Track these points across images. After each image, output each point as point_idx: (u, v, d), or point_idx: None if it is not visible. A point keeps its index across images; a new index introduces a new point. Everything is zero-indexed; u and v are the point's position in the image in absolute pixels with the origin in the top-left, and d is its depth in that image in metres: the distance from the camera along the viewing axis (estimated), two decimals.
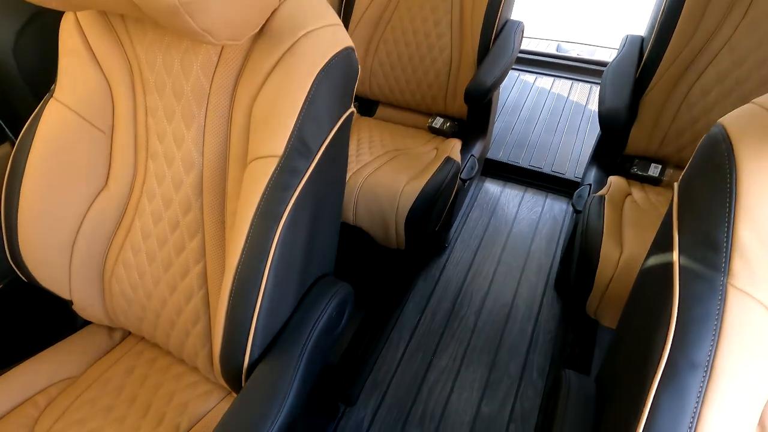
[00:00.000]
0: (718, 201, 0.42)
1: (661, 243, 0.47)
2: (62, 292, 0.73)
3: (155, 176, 0.68)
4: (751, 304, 0.40)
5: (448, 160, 1.12)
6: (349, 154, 1.17)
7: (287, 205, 0.53)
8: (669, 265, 0.44)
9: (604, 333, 1.14)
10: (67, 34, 0.66)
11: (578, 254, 0.90)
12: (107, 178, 0.71)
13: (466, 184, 1.20)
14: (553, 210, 1.51)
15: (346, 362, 1.11)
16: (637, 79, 1.06)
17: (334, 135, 0.57)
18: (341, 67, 0.55)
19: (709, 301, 0.40)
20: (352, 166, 1.09)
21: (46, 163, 0.67)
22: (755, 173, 0.41)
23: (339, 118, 0.57)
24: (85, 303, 0.76)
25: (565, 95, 1.95)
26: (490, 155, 1.68)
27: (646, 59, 1.05)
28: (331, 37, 0.54)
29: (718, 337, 0.39)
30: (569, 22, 3.45)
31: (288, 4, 0.53)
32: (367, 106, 1.44)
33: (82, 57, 0.66)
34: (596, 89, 1.96)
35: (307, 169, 0.54)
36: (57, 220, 0.69)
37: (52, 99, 0.67)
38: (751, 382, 0.39)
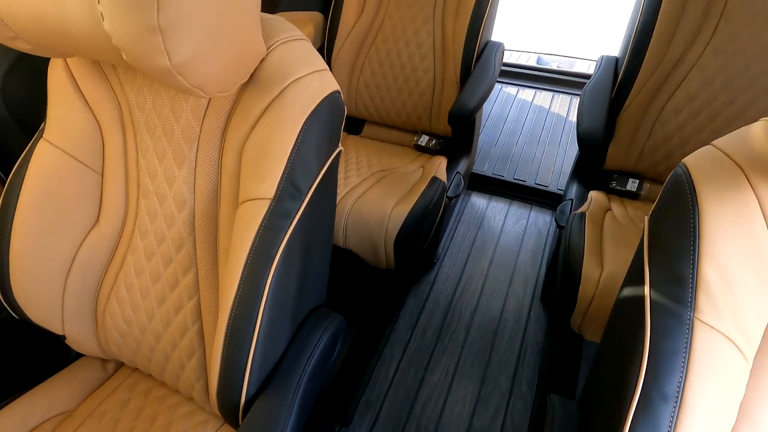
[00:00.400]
0: (683, 239, 0.45)
1: (634, 276, 0.50)
2: (55, 328, 0.74)
3: (147, 213, 0.70)
4: (716, 337, 0.43)
5: (434, 179, 1.15)
6: (338, 176, 1.19)
7: (279, 247, 0.55)
8: (641, 299, 0.47)
9: (589, 345, 1.17)
10: (56, 75, 0.67)
11: (561, 273, 0.93)
12: (98, 215, 0.72)
13: (452, 201, 1.23)
14: (538, 223, 1.55)
15: (340, 382, 1.13)
16: (613, 99, 1.10)
17: (323, 175, 0.59)
18: (328, 111, 0.57)
19: (678, 336, 0.43)
20: (341, 190, 1.11)
21: (37, 203, 0.68)
22: (715, 215, 0.44)
23: (327, 159, 0.60)
24: (78, 337, 0.76)
25: (547, 107, 2.00)
26: (475, 169, 1.72)
27: (620, 80, 1.09)
28: (318, 83, 0.57)
29: (687, 369, 0.42)
30: (547, 34, 3.53)
31: (276, 53, 0.55)
32: (354, 125, 1.47)
33: (71, 97, 0.67)
34: (576, 101, 2.02)
35: (298, 210, 0.56)
36: (48, 258, 0.69)
37: (42, 139, 0.68)
38: (718, 410, 0.42)
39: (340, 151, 0.64)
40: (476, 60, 1.23)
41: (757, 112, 1.01)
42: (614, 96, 1.10)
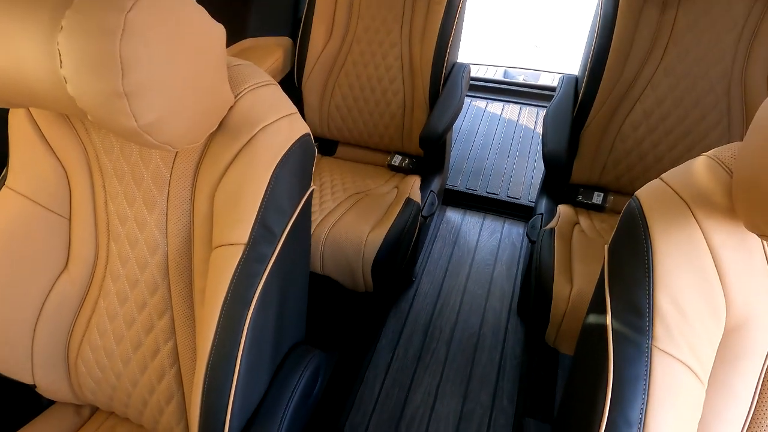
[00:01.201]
0: (639, 270, 0.48)
1: (597, 304, 0.53)
2: (24, 378, 0.72)
3: (119, 257, 0.69)
4: (673, 363, 0.46)
5: (408, 201, 1.17)
6: (313, 201, 1.20)
7: (256, 291, 0.56)
8: (604, 328, 0.50)
9: (565, 356, 1.21)
10: (17, 121, 0.66)
11: (534, 290, 0.96)
12: (67, 260, 0.71)
13: (427, 220, 1.25)
14: (512, 235, 1.59)
15: (325, 407, 1.13)
16: (575, 118, 1.15)
17: (296, 216, 0.60)
18: (299, 154, 0.59)
19: (638, 363, 0.46)
20: (317, 216, 1.11)
21: (2, 251, 0.66)
22: (666, 247, 0.47)
23: (300, 200, 0.60)
24: (50, 386, 0.74)
25: (515, 119, 2.06)
26: (449, 183, 1.75)
27: (581, 99, 1.14)
28: (287, 129, 0.58)
29: (648, 395, 0.45)
30: (514, 44, 3.63)
31: (244, 101, 0.56)
32: (328, 146, 1.48)
33: (34, 143, 0.66)
34: (542, 112, 2.09)
35: (273, 253, 0.57)
36: (16, 308, 0.68)
37: (4, 187, 0.67)
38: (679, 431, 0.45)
39: (313, 190, 0.65)
40: (444, 82, 1.27)
41: (707, 127, 1.07)
42: (576, 115, 1.15)
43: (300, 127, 0.59)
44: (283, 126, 0.57)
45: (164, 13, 0.43)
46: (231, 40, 1.30)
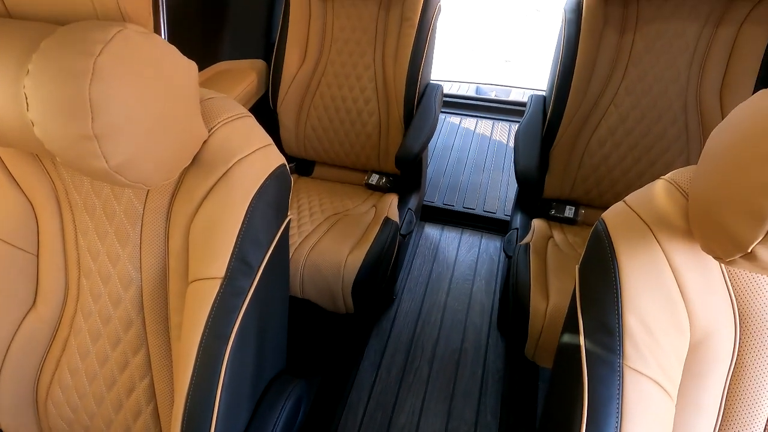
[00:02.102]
0: (608, 291, 0.50)
1: (570, 324, 0.55)
2: None
3: (90, 294, 0.67)
4: (644, 381, 0.47)
5: (387, 221, 1.18)
6: (292, 224, 1.20)
7: (234, 326, 0.55)
8: (577, 348, 0.51)
9: (545, 369, 1.23)
10: None
11: (512, 306, 0.98)
12: (35, 298, 0.69)
13: (406, 238, 1.26)
14: (489, 249, 1.62)
15: None
16: (545, 136, 1.19)
17: (274, 247, 0.60)
18: (275, 186, 0.59)
19: (611, 383, 0.48)
20: (295, 240, 1.11)
21: None
22: (631, 269, 0.49)
23: (277, 232, 0.61)
24: (17, 430, 0.71)
25: (489, 135, 2.11)
26: (426, 199, 1.77)
27: (549, 118, 1.19)
28: (262, 161, 0.58)
29: (621, 414, 0.47)
30: (486, 59, 3.74)
31: (218, 134, 0.56)
32: (305, 167, 1.48)
33: None
34: (514, 127, 2.15)
35: (250, 286, 0.57)
36: None
37: None
38: None
39: (290, 220, 0.65)
40: (418, 102, 1.29)
41: (668, 142, 1.13)
42: (545, 133, 1.19)
43: (275, 159, 0.60)
44: (257, 158, 0.57)
45: (134, 55, 0.43)
46: (205, 63, 1.30)
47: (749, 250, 0.37)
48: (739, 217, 0.37)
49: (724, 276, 0.48)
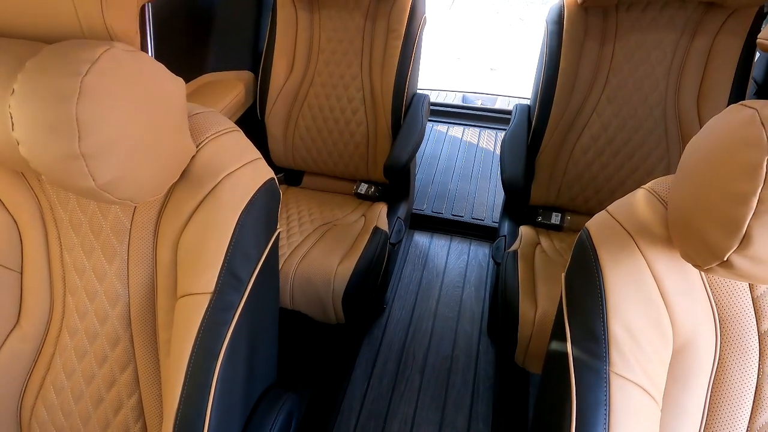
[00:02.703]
0: (593, 298, 0.51)
1: (558, 332, 0.56)
2: None
3: (76, 311, 0.66)
4: (630, 387, 0.48)
5: (376, 230, 1.18)
6: (281, 235, 1.20)
7: (224, 341, 0.55)
8: (565, 355, 0.52)
9: (535, 375, 1.24)
10: None
11: (501, 313, 0.99)
12: (18, 316, 0.67)
13: (395, 247, 1.27)
14: (478, 256, 1.63)
15: None
16: (530, 145, 1.21)
17: (263, 261, 0.60)
18: (264, 200, 0.59)
19: (598, 389, 0.48)
20: (284, 251, 1.11)
21: None
22: (615, 277, 0.50)
23: (267, 245, 0.61)
24: None
25: (476, 143, 2.14)
26: (415, 207, 1.79)
27: (534, 127, 1.21)
28: (251, 175, 0.58)
29: (609, 420, 0.47)
30: (471, 68, 3.79)
31: (206, 150, 0.56)
32: (294, 176, 1.48)
33: None
34: (501, 135, 2.18)
35: (240, 300, 0.57)
36: None
37: None
38: None
39: (279, 232, 0.65)
40: (405, 112, 1.31)
41: (649, 149, 1.16)
42: (530, 142, 1.21)
43: (264, 172, 0.60)
44: (246, 173, 0.57)
45: (121, 73, 0.43)
46: (191, 75, 1.30)
47: (725, 259, 0.39)
48: (715, 226, 0.39)
49: (703, 282, 0.50)
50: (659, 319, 0.49)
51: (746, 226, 0.36)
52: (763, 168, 0.35)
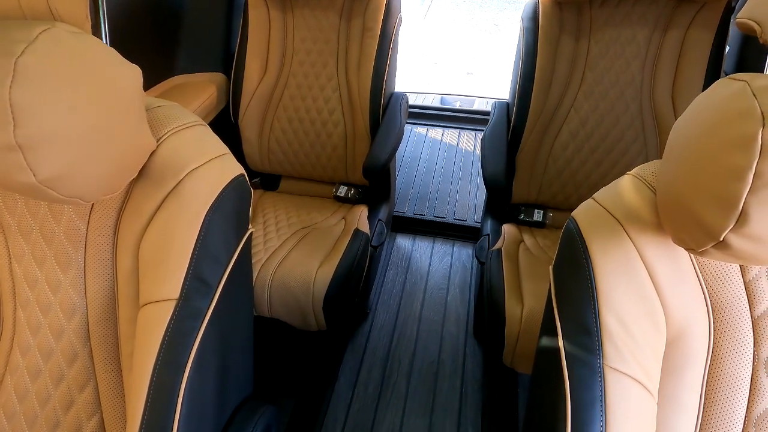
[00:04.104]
0: (583, 289, 0.49)
1: (548, 326, 0.53)
2: None
3: (28, 326, 0.60)
4: (625, 380, 0.46)
5: (357, 232, 1.15)
6: (257, 240, 1.15)
7: (191, 351, 0.50)
8: (557, 351, 0.50)
9: (524, 375, 1.22)
10: None
11: (487, 313, 0.97)
12: None
13: (377, 249, 1.23)
14: (462, 257, 1.61)
15: None
16: (510, 142, 1.20)
17: (234, 263, 0.56)
18: (232, 197, 0.55)
19: (593, 385, 0.46)
20: (261, 256, 1.06)
21: None
22: (605, 265, 0.48)
23: (237, 246, 0.56)
24: None
25: (455, 144, 2.13)
26: (397, 210, 1.76)
27: (513, 124, 1.20)
28: (218, 171, 0.54)
29: (606, 417, 0.45)
30: (448, 72, 3.82)
31: (167, 144, 0.52)
32: (270, 181, 1.43)
33: None
34: (480, 136, 2.18)
35: (209, 306, 0.52)
36: None
37: None
38: None
39: (251, 232, 0.61)
40: (383, 112, 1.28)
41: (627, 144, 1.16)
42: (510, 139, 1.20)
43: (232, 168, 0.56)
44: (212, 168, 0.53)
45: (64, 56, 0.39)
46: (160, 76, 1.24)
47: (721, 239, 0.37)
48: (709, 205, 0.37)
49: (694, 268, 0.48)
50: (652, 309, 0.47)
51: (742, 202, 0.34)
52: (758, 140, 0.33)
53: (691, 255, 0.48)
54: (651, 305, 0.47)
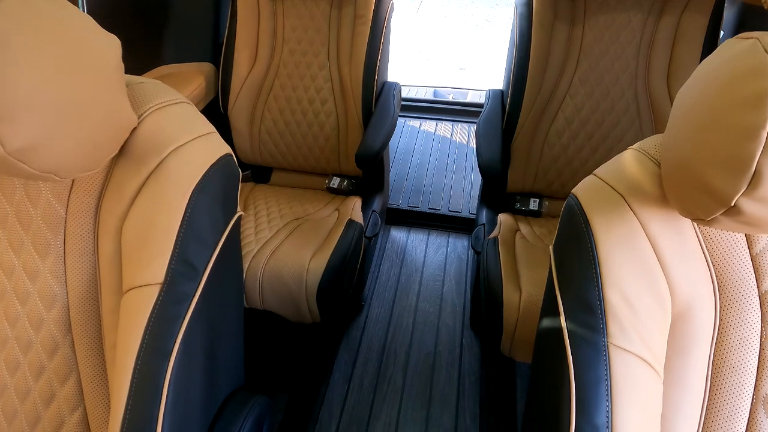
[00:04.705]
0: (586, 267, 0.47)
1: (549, 306, 0.51)
2: None
3: (6, 318, 0.57)
4: (630, 358, 0.44)
5: (351, 222, 1.13)
6: (248, 231, 1.12)
7: (176, 338, 0.48)
8: (559, 331, 0.48)
9: (522, 364, 1.20)
10: None
11: (484, 300, 0.95)
12: None
13: (371, 241, 1.21)
14: (457, 248, 1.59)
15: None
16: (505, 129, 1.18)
17: (222, 246, 0.53)
18: (219, 177, 0.52)
19: (598, 364, 0.44)
20: (252, 247, 1.03)
21: None
22: (608, 241, 0.46)
23: (225, 228, 0.54)
24: None
25: (449, 136, 2.11)
26: (391, 203, 1.74)
27: (508, 111, 1.18)
28: (203, 149, 0.51)
29: (611, 396, 0.43)
30: (441, 68, 3.80)
31: (149, 121, 0.50)
32: (262, 173, 1.40)
33: None
34: (474, 128, 2.16)
35: (196, 291, 0.50)
36: None
37: None
38: (645, 431, 0.44)
39: (240, 216, 0.58)
40: (376, 101, 1.26)
41: (622, 130, 1.15)
42: (505, 126, 1.19)
43: (219, 148, 0.53)
44: (198, 147, 0.51)
45: (34, 20, 0.36)
46: (147, 66, 1.21)
47: (732, 204, 0.35)
48: (720, 169, 0.35)
49: (700, 243, 0.47)
50: (657, 285, 0.46)
51: (755, 162, 0.32)
52: None
53: (697, 230, 0.47)
54: (656, 282, 0.46)
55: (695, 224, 0.47)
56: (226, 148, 0.55)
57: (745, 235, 0.47)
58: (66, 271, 0.55)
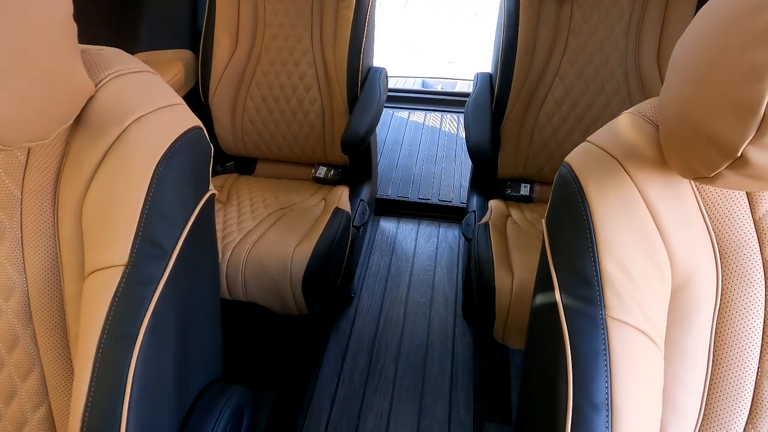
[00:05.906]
0: (581, 237, 0.44)
1: (543, 282, 0.48)
2: None
3: None
4: (629, 331, 0.42)
5: (337, 211, 1.09)
6: (230, 221, 1.08)
7: (142, 323, 0.44)
8: (554, 306, 0.45)
9: (515, 352, 1.18)
10: None
11: (476, 287, 0.92)
12: None
13: (360, 230, 1.18)
14: (448, 238, 1.57)
15: None
16: (494, 113, 1.16)
17: (192, 224, 0.50)
18: (188, 150, 0.49)
19: (595, 338, 0.41)
20: (234, 237, 0.99)
21: None
22: (604, 208, 0.44)
23: (195, 206, 0.50)
24: None
25: (438, 126, 2.08)
26: (380, 193, 1.70)
27: (497, 94, 1.15)
28: (169, 120, 0.48)
29: (610, 371, 0.40)
30: (430, 62, 3.78)
31: (108, 89, 0.46)
32: (245, 165, 1.36)
33: None
34: (463, 117, 2.14)
35: (163, 273, 0.46)
36: None
37: None
38: (647, 407, 0.41)
39: (213, 194, 0.55)
40: (361, 86, 1.23)
41: (612, 112, 1.13)
42: (494, 110, 1.16)
43: (187, 119, 0.50)
44: (162, 117, 0.47)
45: None
46: None
47: (739, 154, 0.32)
48: (725, 116, 0.32)
49: (700, 208, 0.44)
50: (655, 253, 0.43)
51: (764, 106, 0.30)
52: None
53: (697, 194, 0.44)
54: (654, 249, 0.43)
55: (695, 189, 0.44)
56: (196, 121, 0.51)
57: (748, 198, 0.44)
58: (24, 257, 0.51)
